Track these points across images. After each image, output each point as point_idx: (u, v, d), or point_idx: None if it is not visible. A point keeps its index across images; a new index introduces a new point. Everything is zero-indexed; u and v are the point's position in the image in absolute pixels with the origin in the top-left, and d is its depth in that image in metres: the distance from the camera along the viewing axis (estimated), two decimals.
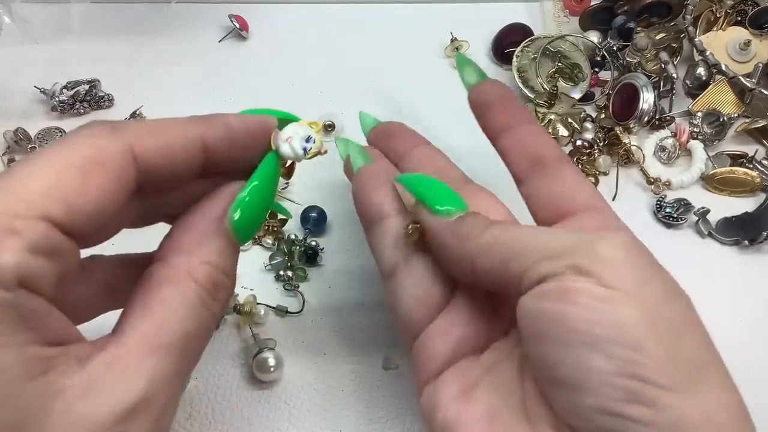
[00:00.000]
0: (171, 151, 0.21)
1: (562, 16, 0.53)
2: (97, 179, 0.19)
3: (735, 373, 0.36)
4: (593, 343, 0.20)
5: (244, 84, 0.48)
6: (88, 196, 0.19)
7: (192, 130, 0.22)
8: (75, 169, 0.18)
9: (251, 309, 0.36)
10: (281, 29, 0.51)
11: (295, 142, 0.25)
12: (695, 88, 0.47)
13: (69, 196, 0.18)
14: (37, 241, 0.17)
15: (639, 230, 0.43)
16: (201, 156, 0.22)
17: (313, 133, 0.25)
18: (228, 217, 0.22)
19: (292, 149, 0.25)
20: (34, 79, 0.46)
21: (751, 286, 0.40)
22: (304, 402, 0.34)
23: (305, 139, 0.25)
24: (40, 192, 0.18)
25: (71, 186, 0.18)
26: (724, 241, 0.41)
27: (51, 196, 0.18)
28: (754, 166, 0.44)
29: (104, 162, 0.19)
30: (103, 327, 0.21)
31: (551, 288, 0.22)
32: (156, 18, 0.51)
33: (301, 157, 0.25)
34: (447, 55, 0.50)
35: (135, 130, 0.20)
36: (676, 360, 0.20)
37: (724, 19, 0.49)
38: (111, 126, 0.20)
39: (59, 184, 0.18)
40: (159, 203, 0.24)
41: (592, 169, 0.44)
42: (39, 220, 0.18)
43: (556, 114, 0.45)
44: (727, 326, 0.38)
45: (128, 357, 0.19)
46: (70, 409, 0.18)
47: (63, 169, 0.18)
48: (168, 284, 0.21)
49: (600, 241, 0.22)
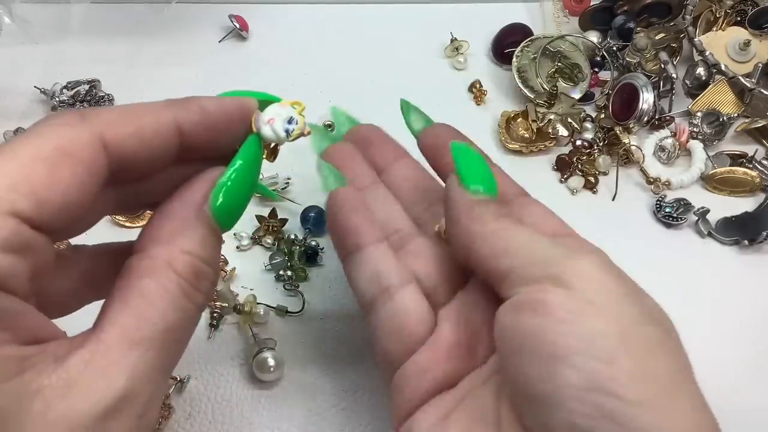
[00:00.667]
0: (143, 137, 0.20)
1: (562, 16, 0.53)
2: (65, 171, 0.18)
3: (735, 372, 0.37)
4: (564, 355, 0.20)
5: (244, 84, 0.48)
6: (57, 189, 0.18)
7: (165, 115, 0.21)
8: (42, 162, 0.18)
9: (251, 309, 0.36)
10: (281, 29, 0.51)
11: (277, 123, 0.24)
12: (695, 88, 0.47)
13: (37, 190, 0.18)
14: (5, 238, 0.17)
15: (639, 230, 0.43)
16: (176, 141, 0.21)
17: (295, 114, 0.24)
18: (209, 203, 0.22)
19: (273, 131, 0.23)
20: (34, 79, 0.46)
21: (751, 286, 0.40)
22: (304, 402, 0.34)
23: (287, 120, 0.24)
24: (6, 187, 0.17)
25: (39, 179, 0.18)
26: (723, 240, 0.41)
27: (18, 191, 0.17)
28: (754, 166, 0.44)
29: (73, 152, 0.18)
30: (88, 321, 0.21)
31: (526, 300, 0.22)
32: (156, 18, 0.51)
33: (284, 139, 0.24)
34: (447, 55, 0.50)
35: (105, 118, 0.20)
36: (647, 376, 0.20)
37: (723, 19, 0.49)
38: (79, 114, 0.19)
39: (26, 178, 0.18)
40: (137, 191, 0.23)
41: (592, 169, 0.44)
42: (7, 217, 0.17)
43: (555, 114, 0.45)
44: (727, 326, 0.38)
45: (107, 353, 0.19)
46: (48, 409, 0.17)
47: (29, 161, 0.18)
48: (147, 276, 0.20)
49: (581, 256, 0.23)
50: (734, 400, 0.36)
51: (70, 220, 0.19)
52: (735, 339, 0.38)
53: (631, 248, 0.41)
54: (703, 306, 0.39)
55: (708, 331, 0.38)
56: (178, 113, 0.21)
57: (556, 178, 0.45)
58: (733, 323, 0.38)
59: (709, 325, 0.38)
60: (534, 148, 0.45)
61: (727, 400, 0.36)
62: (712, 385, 0.36)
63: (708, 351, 0.37)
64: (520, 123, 0.46)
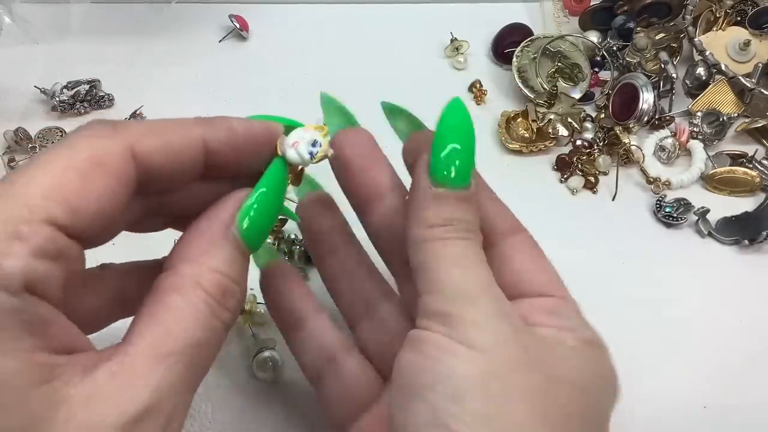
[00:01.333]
0: (171, 152, 0.21)
1: (562, 16, 0.53)
2: (98, 180, 0.19)
3: (735, 372, 0.37)
4: (419, 391, 0.21)
5: (244, 84, 0.48)
6: (90, 198, 0.19)
7: (193, 131, 0.22)
8: (76, 171, 0.18)
9: (251, 309, 0.36)
10: (281, 29, 0.51)
11: (302, 146, 0.24)
12: (695, 88, 0.47)
13: (71, 198, 0.18)
14: (42, 245, 0.17)
15: (639, 230, 0.43)
16: (202, 157, 0.22)
17: (319, 136, 0.25)
18: (236, 224, 0.22)
19: (298, 154, 0.24)
20: (34, 79, 0.46)
21: (751, 286, 0.40)
22: (303, 402, 0.34)
23: (311, 143, 0.24)
24: (42, 195, 0.18)
25: (73, 188, 0.18)
26: (723, 240, 0.41)
27: (53, 199, 0.18)
28: (754, 166, 0.44)
29: (105, 162, 0.19)
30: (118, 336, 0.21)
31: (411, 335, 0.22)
32: (156, 18, 0.51)
33: (308, 161, 0.25)
34: (447, 55, 0.50)
35: (136, 130, 0.20)
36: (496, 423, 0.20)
37: (723, 19, 0.49)
38: (112, 126, 0.20)
39: (61, 187, 0.18)
40: (162, 204, 0.24)
41: (592, 169, 0.44)
42: (43, 224, 0.17)
43: (556, 114, 0.45)
44: (727, 326, 0.38)
45: (133, 366, 0.19)
46: (73, 418, 0.18)
47: (64, 171, 0.18)
48: (175, 293, 0.21)
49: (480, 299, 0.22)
50: (734, 399, 0.36)
51: (101, 228, 0.19)
52: (735, 339, 0.38)
53: (631, 248, 0.41)
54: (703, 306, 0.39)
55: (708, 331, 0.38)
56: (206, 131, 0.22)
57: (556, 178, 0.45)
58: (733, 323, 0.38)
59: (709, 325, 0.38)
60: (534, 148, 0.45)
61: (727, 399, 0.36)
62: (711, 384, 0.36)
63: (708, 351, 0.37)
64: (520, 123, 0.46)
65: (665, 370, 0.36)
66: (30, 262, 0.17)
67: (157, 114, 0.46)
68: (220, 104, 0.47)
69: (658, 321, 0.38)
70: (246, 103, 0.46)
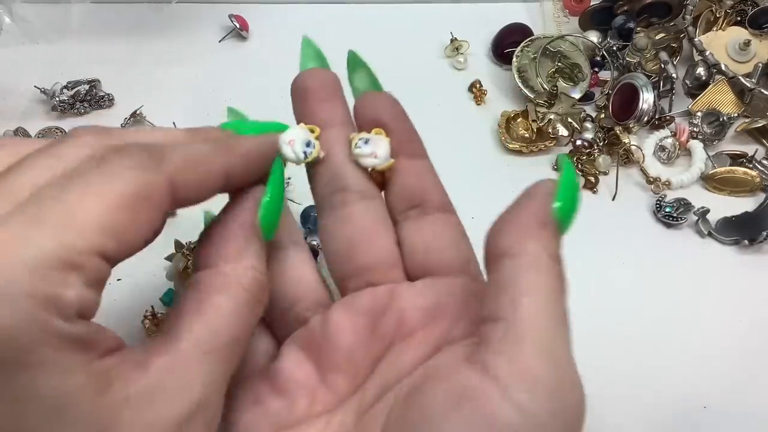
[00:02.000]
0: (202, 185, 0.22)
1: (562, 16, 0.53)
2: (144, 215, 0.20)
3: (735, 372, 0.37)
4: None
5: (244, 84, 0.48)
6: (138, 232, 0.19)
7: (219, 162, 0.22)
8: (126, 207, 0.19)
9: None
10: (281, 29, 0.51)
11: (297, 145, 0.25)
12: (695, 88, 0.47)
13: (121, 233, 0.19)
14: (93, 275, 0.18)
15: (639, 230, 0.43)
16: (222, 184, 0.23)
17: (312, 138, 0.26)
18: (258, 221, 0.23)
19: (294, 152, 0.25)
20: (34, 79, 0.46)
21: (751, 286, 0.40)
22: None
23: (305, 143, 0.25)
24: (97, 228, 0.18)
25: (124, 223, 0.19)
26: (723, 240, 0.41)
27: (106, 233, 0.18)
28: (754, 166, 0.44)
29: (150, 197, 0.20)
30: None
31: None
32: (156, 18, 0.51)
33: (302, 160, 0.25)
34: (447, 55, 0.50)
35: (174, 163, 0.21)
36: None
37: (723, 19, 0.49)
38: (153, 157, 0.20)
39: (114, 222, 0.19)
40: None
41: (592, 169, 0.44)
42: (95, 256, 0.18)
43: (556, 114, 0.45)
44: (727, 326, 0.38)
45: (186, 361, 0.20)
46: (137, 418, 0.19)
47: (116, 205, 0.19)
48: (221, 291, 0.22)
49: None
50: (734, 399, 0.36)
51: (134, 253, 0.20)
52: (735, 339, 0.38)
53: (631, 248, 0.41)
54: (703, 306, 0.39)
55: (708, 331, 0.38)
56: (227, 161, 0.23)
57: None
58: (733, 323, 0.38)
59: (709, 325, 0.38)
60: (534, 148, 0.45)
61: (727, 399, 0.36)
62: (711, 384, 0.36)
63: (708, 351, 0.37)
64: (520, 123, 0.46)
65: (665, 370, 0.36)
66: (83, 292, 0.18)
67: (157, 114, 0.46)
68: (220, 104, 0.46)
69: (657, 321, 0.38)
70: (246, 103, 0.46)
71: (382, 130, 0.26)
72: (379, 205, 0.26)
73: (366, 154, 0.25)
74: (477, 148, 0.46)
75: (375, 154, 0.25)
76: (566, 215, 0.22)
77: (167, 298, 0.37)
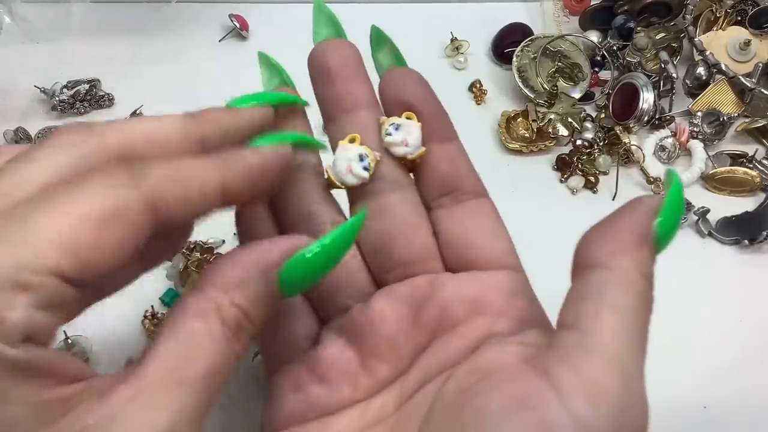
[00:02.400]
0: (189, 200, 0.20)
1: (562, 16, 0.53)
2: (113, 233, 0.18)
3: (735, 372, 0.37)
4: None
5: (244, 84, 0.48)
6: (104, 251, 0.18)
7: (212, 177, 0.21)
8: (91, 223, 0.18)
9: None
10: (281, 29, 0.51)
11: (356, 168, 0.23)
12: (695, 88, 0.47)
13: (83, 252, 0.18)
14: (45, 296, 0.17)
15: None
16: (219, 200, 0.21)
17: (362, 149, 0.24)
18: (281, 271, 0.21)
19: (358, 177, 0.23)
20: (34, 78, 0.46)
21: (751, 286, 0.40)
22: None
23: (359, 158, 0.23)
24: (53, 246, 0.17)
25: (87, 240, 0.18)
26: (724, 240, 0.41)
27: (64, 250, 0.17)
28: (754, 166, 0.44)
29: (123, 215, 0.18)
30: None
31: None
32: (156, 18, 0.51)
33: (367, 177, 0.23)
34: (447, 54, 0.50)
35: (156, 180, 0.19)
36: None
37: (724, 18, 0.49)
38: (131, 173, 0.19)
39: (74, 238, 0.17)
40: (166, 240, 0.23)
41: (592, 169, 0.44)
42: (49, 275, 0.17)
43: (556, 113, 0.45)
44: (727, 326, 0.38)
45: (151, 390, 0.18)
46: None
47: (79, 221, 0.18)
48: (197, 317, 0.20)
49: None
50: (734, 399, 0.36)
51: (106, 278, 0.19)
52: (735, 339, 0.38)
53: None
54: (703, 306, 0.39)
55: (708, 331, 0.38)
56: (225, 174, 0.21)
57: (556, 177, 0.45)
58: (733, 323, 0.38)
59: (709, 325, 0.38)
60: (534, 148, 0.45)
61: (727, 399, 0.36)
62: (711, 384, 0.36)
63: (708, 351, 0.37)
64: (520, 123, 0.46)
65: (665, 370, 0.36)
66: (32, 313, 0.17)
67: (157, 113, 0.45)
68: (220, 104, 0.46)
69: (657, 321, 0.38)
70: None
71: (413, 113, 0.25)
72: (412, 194, 0.25)
73: (397, 143, 0.24)
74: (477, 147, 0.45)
75: (406, 142, 0.24)
76: (666, 234, 0.21)
77: (167, 298, 0.37)
